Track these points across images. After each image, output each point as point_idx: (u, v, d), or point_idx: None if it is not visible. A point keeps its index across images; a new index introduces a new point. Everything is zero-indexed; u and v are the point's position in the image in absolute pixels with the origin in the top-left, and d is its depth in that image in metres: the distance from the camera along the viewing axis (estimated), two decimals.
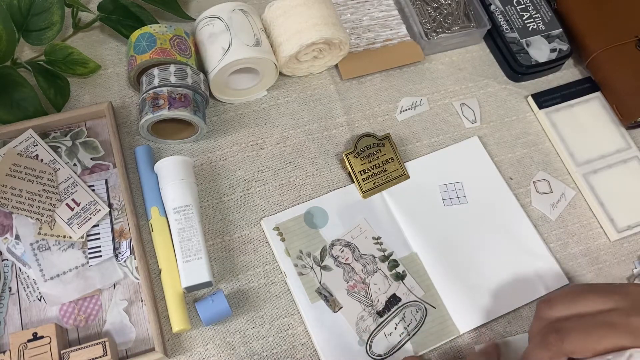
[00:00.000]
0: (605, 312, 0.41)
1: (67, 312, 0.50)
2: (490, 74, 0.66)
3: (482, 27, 0.65)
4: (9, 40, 0.53)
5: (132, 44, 0.56)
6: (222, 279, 0.53)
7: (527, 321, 0.53)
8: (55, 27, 0.56)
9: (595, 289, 0.43)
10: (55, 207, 0.52)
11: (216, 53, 0.56)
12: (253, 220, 0.55)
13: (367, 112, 0.62)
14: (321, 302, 0.52)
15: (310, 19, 0.57)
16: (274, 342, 0.51)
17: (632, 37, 0.63)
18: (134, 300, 0.51)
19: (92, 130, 0.57)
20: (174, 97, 0.53)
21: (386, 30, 0.65)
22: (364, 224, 0.56)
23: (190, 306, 0.51)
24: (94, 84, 0.60)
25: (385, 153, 0.58)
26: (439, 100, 0.64)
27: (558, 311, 0.43)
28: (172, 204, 0.52)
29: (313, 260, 0.53)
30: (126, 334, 0.49)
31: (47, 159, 0.54)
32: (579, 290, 0.43)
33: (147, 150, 0.56)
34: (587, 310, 0.41)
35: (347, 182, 0.58)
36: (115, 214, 0.54)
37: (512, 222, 0.57)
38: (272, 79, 0.61)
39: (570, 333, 0.40)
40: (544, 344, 0.41)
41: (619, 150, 0.62)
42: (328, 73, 0.64)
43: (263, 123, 0.60)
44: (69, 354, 0.46)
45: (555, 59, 0.64)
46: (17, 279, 0.51)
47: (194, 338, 0.50)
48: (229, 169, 0.58)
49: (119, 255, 0.52)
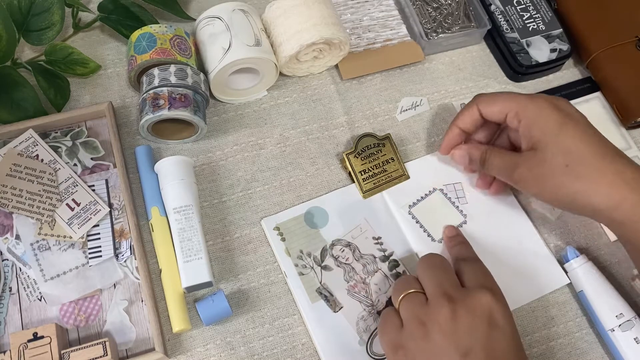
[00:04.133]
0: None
1: (68, 312, 0.50)
2: (490, 74, 0.66)
3: (482, 27, 0.65)
4: (9, 40, 0.53)
5: (133, 44, 0.56)
6: (222, 279, 0.53)
7: (527, 321, 0.53)
8: (55, 27, 0.56)
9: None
10: (56, 207, 0.52)
11: (216, 53, 0.56)
12: (253, 220, 0.55)
13: (368, 112, 0.62)
14: (321, 302, 0.52)
15: (310, 19, 0.57)
16: (274, 342, 0.51)
17: (632, 37, 0.63)
18: (134, 300, 0.51)
19: (93, 130, 0.57)
20: (174, 97, 0.53)
21: (386, 30, 0.65)
22: (364, 224, 0.56)
23: (190, 306, 0.51)
24: (94, 84, 0.60)
25: (385, 153, 0.58)
26: (439, 100, 0.64)
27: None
28: (172, 203, 0.52)
29: (313, 260, 0.53)
30: (126, 334, 0.49)
31: (48, 159, 0.54)
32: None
33: (147, 150, 0.56)
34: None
35: (348, 182, 0.58)
36: (116, 214, 0.54)
37: (512, 222, 0.57)
38: (272, 79, 0.61)
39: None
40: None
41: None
42: (328, 73, 0.64)
43: (263, 123, 0.60)
44: (69, 354, 0.46)
45: (555, 59, 0.64)
46: (17, 279, 0.51)
47: (194, 338, 0.50)
48: (229, 169, 0.58)
49: (119, 255, 0.52)
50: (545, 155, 0.49)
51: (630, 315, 0.51)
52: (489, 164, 0.53)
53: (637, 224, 0.46)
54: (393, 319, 0.46)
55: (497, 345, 0.42)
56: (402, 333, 0.45)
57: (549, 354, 0.52)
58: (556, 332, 0.53)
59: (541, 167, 0.49)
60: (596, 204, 0.47)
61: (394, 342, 0.45)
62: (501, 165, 0.52)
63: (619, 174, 0.46)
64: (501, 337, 0.43)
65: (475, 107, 0.54)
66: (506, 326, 0.43)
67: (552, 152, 0.48)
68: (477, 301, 0.44)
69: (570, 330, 0.53)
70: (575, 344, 0.53)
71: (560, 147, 0.48)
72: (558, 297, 0.54)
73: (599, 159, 0.47)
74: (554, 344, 0.52)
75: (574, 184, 0.47)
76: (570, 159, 0.48)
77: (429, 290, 0.46)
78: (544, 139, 0.49)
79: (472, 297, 0.44)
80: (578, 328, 0.53)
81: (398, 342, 0.44)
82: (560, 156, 0.48)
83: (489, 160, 0.53)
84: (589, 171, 0.47)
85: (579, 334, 0.53)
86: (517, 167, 0.50)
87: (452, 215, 0.57)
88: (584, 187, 0.47)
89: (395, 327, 0.45)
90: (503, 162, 0.52)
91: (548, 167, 0.48)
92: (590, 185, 0.47)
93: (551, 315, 0.53)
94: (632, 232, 0.47)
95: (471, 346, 0.42)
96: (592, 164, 0.47)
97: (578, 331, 0.53)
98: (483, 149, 0.54)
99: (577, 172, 0.47)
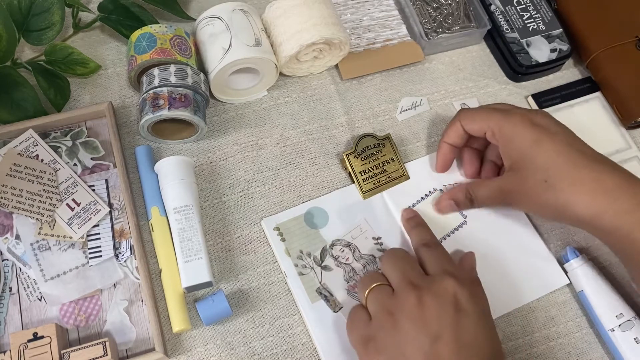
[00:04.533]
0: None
1: (68, 312, 0.50)
2: (490, 74, 0.66)
3: (482, 27, 0.65)
4: (9, 40, 0.53)
5: (133, 44, 0.56)
6: (222, 279, 0.53)
7: (527, 321, 0.53)
8: (55, 27, 0.56)
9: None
10: (56, 207, 0.52)
11: (216, 53, 0.56)
12: (253, 220, 0.55)
13: (368, 112, 0.62)
14: (321, 302, 0.52)
15: (311, 19, 0.57)
16: (274, 342, 0.51)
17: (632, 37, 0.63)
18: (134, 300, 0.51)
19: (93, 130, 0.57)
20: (174, 97, 0.53)
21: (386, 30, 0.65)
22: (364, 224, 0.56)
23: (190, 306, 0.51)
24: (94, 84, 0.60)
25: (385, 153, 0.58)
26: (439, 100, 0.64)
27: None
28: (172, 203, 0.52)
29: (313, 260, 0.53)
30: (126, 334, 0.49)
31: (48, 159, 0.54)
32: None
33: (147, 150, 0.56)
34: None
35: (347, 182, 0.58)
36: (116, 214, 0.54)
37: (512, 222, 0.57)
38: (273, 79, 0.61)
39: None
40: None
41: (619, 150, 0.62)
42: (328, 73, 0.64)
43: (263, 123, 0.60)
44: (69, 354, 0.46)
45: (555, 59, 0.64)
46: (17, 279, 0.51)
47: (194, 338, 0.50)
48: (229, 169, 0.58)
49: (119, 255, 0.52)
50: (524, 173, 0.49)
51: (630, 315, 0.51)
52: (477, 199, 0.54)
53: (622, 230, 0.45)
54: (361, 314, 0.47)
55: (465, 329, 0.43)
56: (371, 326, 0.45)
57: (549, 354, 0.52)
58: (556, 332, 0.53)
59: (523, 186, 0.49)
60: (580, 214, 0.47)
61: (363, 336, 0.45)
62: (489, 195, 0.53)
63: (598, 182, 0.46)
64: (468, 320, 0.43)
65: (458, 123, 0.55)
66: (471, 308, 0.44)
67: (530, 170, 0.48)
68: (442, 287, 0.44)
69: (570, 330, 0.53)
70: (575, 344, 0.53)
71: (537, 163, 0.48)
72: (558, 297, 0.54)
73: (577, 169, 0.47)
74: (554, 344, 0.52)
75: (556, 198, 0.47)
76: (548, 174, 0.48)
77: (394, 281, 0.46)
78: (520, 157, 0.49)
79: (437, 284, 0.44)
80: (578, 328, 0.53)
81: (367, 335, 0.45)
82: (538, 173, 0.48)
83: (476, 195, 0.53)
84: (567, 183, 0.47)
85: (579, 334, 0.53)
86: (503, 191, 0.51)
87: (452, 216, 0.57)
88: (565, 199, 0.47)
89: (363, 321, 0.46)
90: (490, 192, 0.52)
91: (530, 186, 0.49)
92: (571, 197, 0.47)
93: (551, 315, 0.53)
94: (618, 240, 0.46)
95: (440, 331, 0.42)
96: (570, 176, 0.47)
97: (578, 331, 0.53)
98: (465, 188, 0.54)
99: (556, 186, 0.47)
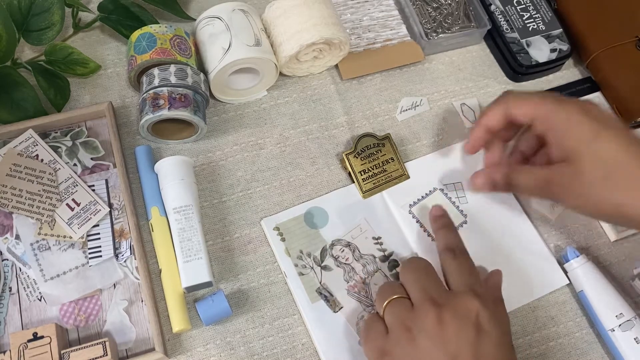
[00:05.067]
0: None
1: (68, 312, 0.50)
2: (490, 74, 0.66)
3: (482, 27, 0.65)
4: (9, 40, 0.53)
5: (132, 44, 0.56)
6: (222, 279, 0.53)
7: (527, 321, 0.53)
8: (55, 27, 0.56)
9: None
10: (56, 207, 0.52)
11: (216, 53, 0.56)
12: (253, 220, 0.55)
13: (367, 112, 0.62)
14: (321, 302, 0.52)
15: (310, 19, 0.57)
16: (274, 342, 0.51)
17: (632, 37, 0.63)
18: (134, 300, 0.51)
19: (92, 130, 0.57)
20: (174, 97, 0.53)
21: (386, 30, 0.65)
22: (364, 224, 0.56)
23: (190, 306, 0.51)
24: (94, 84, 0.60)
25: (385, 153, 0.58)
26: (439, 100, 0.64)
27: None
28: (172, 203, 0.52)
29: (313, 260, 0.53)
30: (126, 334, 0.49)
31: (47, 159, 0.54)
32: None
33: (147, 150, 0.56)
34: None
35: (347, 182, 0.58)
36: (116, 214, 0.54)
37: (512, 222, 0.57)
38: (272, 79, 0.61)
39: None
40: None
41: None
42: (328, 73, 0.64)
43: (263, 123, 0.60)
44: (69, 354, 0.46)
45: (555, 59, 0.64)
46: (17, 279, 0.51)
47: (194, 338, 0.50)
48: (229, 169, 0.58)
49: (119, 255, 0.52)
50: (581, 167, 0.45)
51: (630, 315, 0.51)
52: (517, 185, 0.50)
53: None
54: (378, 326, 0.45)
55: (485, 350, 0.41)
56: (387, 339, 0.44)
57: (549, 354, 0.52)
58: (556, 332, 0.53)
59: (578, 180, 0.45)
60: (636, 216, 0.44)
61: (379, 349, 0.44)
62: (534, 184, 0.49)
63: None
64: (488, 342, 0.42)
65: (505, 105, 0.50)
66: (492, 330, 0.42)
67: (588, 163, 0.45)
68: (464, 305, 0.43)
69: (570, 330, 0.53)
70: (575, 344, 0.53)
71: (596, 157, 0.44)
72: (558, 297, 0.54)
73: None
74: (554, 344, 0.52)
75: (616, 196, 0.44)
76: (609, 170, 0.44)
77: (413, 295, 0.45)
78: (577, 150, 0.45)
79: (459, 301, 0.43)
80: (578, 328, 0.53)
81: (383, 349, 0.44)
82: (597, 168, 0.44)
83: (517, 182, 0.50)
84: (630, 181, 0.44)
85: (579, 334, 0.53)
86: (550, 183, 0.47)
87: (452, 215, 0.56)
88: (627, 199, 0.44)
89: (380, 333, 0.45)
90: (534, 181, 0.49)
91: (586, 181, 0.45)
92: (630, 196, 0.44)
93: (551, 315, 0.53)
94: None
95: (459, 351, 0.41)
96: (633, 173, 0.44)
97: (578, 331, 0.53)
98: (503, 171, 0.51)
99: (618, 183, 0.44)
